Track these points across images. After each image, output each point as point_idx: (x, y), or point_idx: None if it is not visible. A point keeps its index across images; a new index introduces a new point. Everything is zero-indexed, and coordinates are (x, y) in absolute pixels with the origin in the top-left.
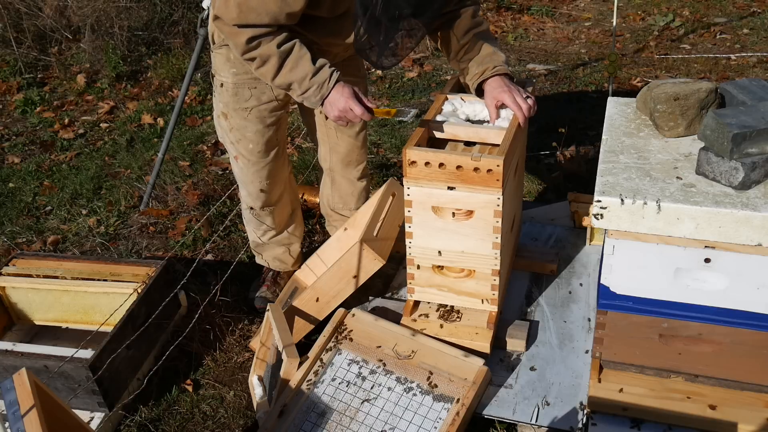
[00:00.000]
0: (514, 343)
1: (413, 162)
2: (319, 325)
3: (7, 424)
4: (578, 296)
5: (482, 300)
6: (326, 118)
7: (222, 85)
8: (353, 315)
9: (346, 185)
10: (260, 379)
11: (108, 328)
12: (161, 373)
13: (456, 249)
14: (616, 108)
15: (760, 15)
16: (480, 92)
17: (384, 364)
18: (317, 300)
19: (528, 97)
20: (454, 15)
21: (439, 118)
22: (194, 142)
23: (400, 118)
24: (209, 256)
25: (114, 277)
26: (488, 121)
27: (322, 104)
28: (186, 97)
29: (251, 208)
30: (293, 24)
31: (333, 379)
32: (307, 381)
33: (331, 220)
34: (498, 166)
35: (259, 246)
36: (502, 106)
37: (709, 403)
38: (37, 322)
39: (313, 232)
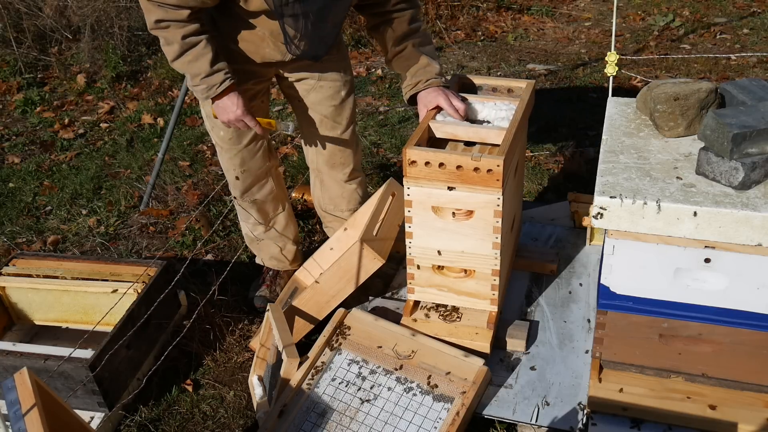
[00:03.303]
0: (514, 343)
1: (413, 162)
2: (319, 325)
3: (8, 423)
4: (578, 296)
5: (482, 300)
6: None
7: None
8: (353, 315)
9: (334, 187)
10: (260, 379)
11: (107, 328)
12: (161, 373)
13: (456, 249)
14: (616, 108)
15: (760, 15)
16: (413, 101)
17: (384, 364)
18: (317, 300)
19: (464, 99)
20: (390, 15)
21: (439, 118)
22: (194, 142)
23: (283, 131)
24: (209, 256)
25: (114, 277)
26: (488, 121)
27: (212, 102)
28: (186, 97)
29: (234, 197)
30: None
31: (333, 379)
32: (307, 381)
33: (325, 221)
34: (498, 166)
35: (254, 243)
36: (439, 108)
37: (709, 403)
38: (37, 322)
39: (313, 232)
